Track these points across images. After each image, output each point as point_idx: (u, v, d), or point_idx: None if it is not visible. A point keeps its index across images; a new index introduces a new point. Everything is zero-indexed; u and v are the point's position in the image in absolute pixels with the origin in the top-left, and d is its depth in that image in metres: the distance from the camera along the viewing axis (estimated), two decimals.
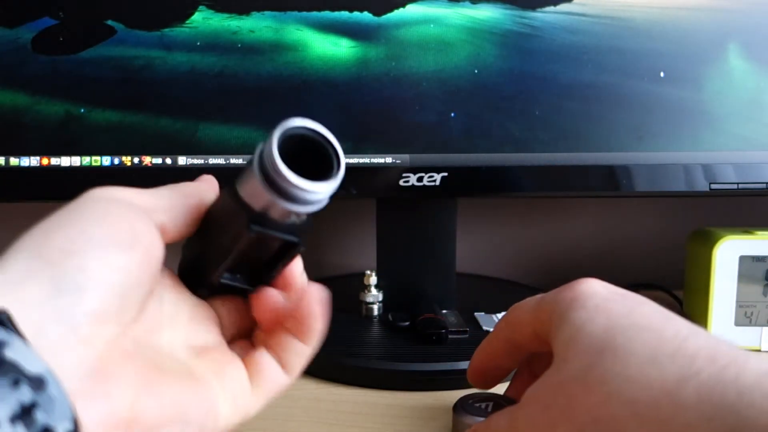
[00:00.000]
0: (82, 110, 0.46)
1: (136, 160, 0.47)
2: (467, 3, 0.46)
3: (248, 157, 0.47)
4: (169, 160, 0.47)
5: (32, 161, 0.47)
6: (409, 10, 0.46)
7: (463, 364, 0.44)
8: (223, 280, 0.28)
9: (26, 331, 0.20)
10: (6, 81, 0.46)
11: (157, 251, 0.25)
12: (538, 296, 0.31)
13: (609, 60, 0.47)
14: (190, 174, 0.47)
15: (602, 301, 0.27)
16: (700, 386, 0.22)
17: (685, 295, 0.56)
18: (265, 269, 0.28)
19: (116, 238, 0.23)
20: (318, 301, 0.28)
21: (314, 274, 0.34)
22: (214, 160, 0.47)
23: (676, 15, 0.47)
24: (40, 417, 0.19)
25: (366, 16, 0.46)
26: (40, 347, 0.20)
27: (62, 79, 0.46)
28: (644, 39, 0.47)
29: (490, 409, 0.36)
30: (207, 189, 0.28)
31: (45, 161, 0.47)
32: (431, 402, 0.42)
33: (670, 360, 0.23)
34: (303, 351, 0.28)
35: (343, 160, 0.26)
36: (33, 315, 0.21)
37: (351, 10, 0.46)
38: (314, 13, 0.46)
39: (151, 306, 0.26)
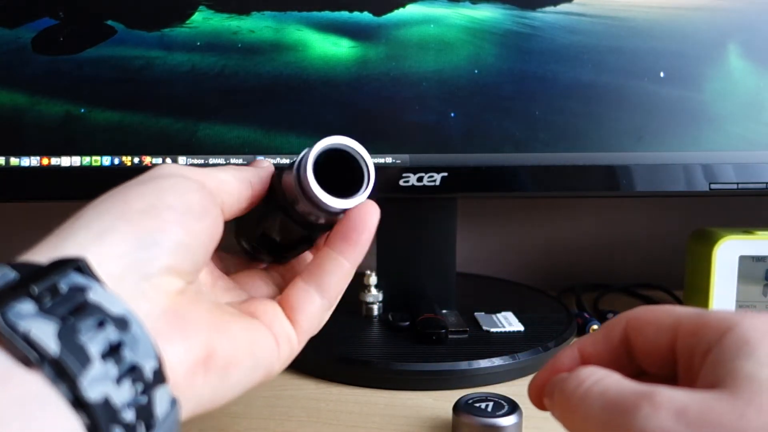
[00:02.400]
0: (82, 110, 0.46)
1: (136, 160, 0.47)
2: (467, 3, 0.46)
3: (248, 157, 0.47)
4: (169, 160, 0.47)
5: (32, 161, 0.47)
6: (409, 10, 0.46)
7: (463, 364, 0.44)
8: (243, 245, 0.34)
9: (106, 279, 0.21)
10: (6, 81, 0.46)
11: (219, 225, 0.27)
12: (687, 308, 0.25)
13: (609, 60, 0.47)
14: None
15: None
16: None
17: (685, 295, 0.56)
18: (282, 251, 0.33)
19: (191, 208, 0.26)
20: (364, 214, 0.29)
21: None
22: (214, 160, 0.47)
23: (676, 15, 0.47)
24: (128, 355, 0.20)
25: (366, 16, 0.46)
26: (119, 293, 0.21)
27: (62, 79, 0.46)
28: (644, 39, 0.47)
29: (490, 409, 0.36)
30: (264, 177, 0.31)
31: (45, 161, 0.47)
32: (431, 402, 0.42)
33: None
34: (343, 269, 0.29)
35: (371, 184, 0.30)
36: (113, 265, 0.22)
37: (351, 10, 0.46)
38: (314, 13, 0.46)
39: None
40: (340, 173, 0.29)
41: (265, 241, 0.33)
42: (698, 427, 0.19)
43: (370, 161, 0.30)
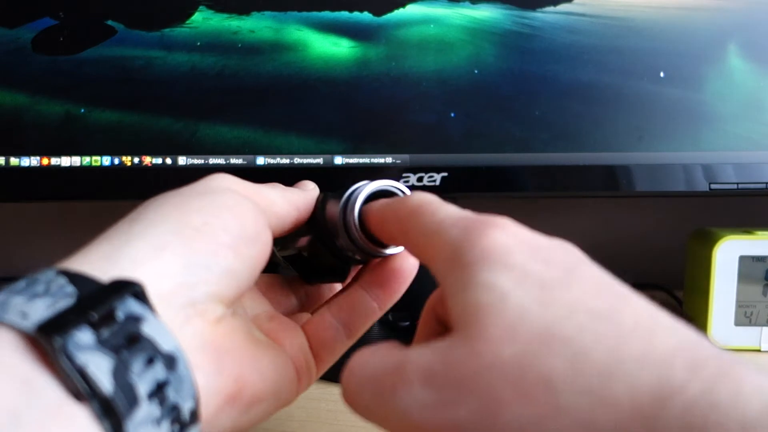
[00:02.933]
0: (82, 110, 0.46)
1: (136, 160, 0.47)
2: (467, 3, 0.46)
3: (248, 157, 0.47)
4: (169, 160, 0.47)
5: (32, 161, 0.47)
6: (409, 10, 0.46)
7: None
8: (279, 254, 0.33)
9: (155, 299, 0.21)
10: (6, 81, 0.46)
11: (269, 249, 0.26)
12: (439, 219, 0.22)
13: (609, 60, 0.47)
14: (190, 174, 0.47)
15: (529, 260, 0.20)
16: (686, 410, 0.15)
17: (685, 295, 0.56)
18: (312, 275, 0.32)
19: (245, 231, 0.25)
20: (404, 265, 0.29)
21: None
22: (214, 160, 0.47)
23: (676, 15, 0.47)
24: (171, 395, 0.20)
25: (366, 16, 0.46)
26: (167, 318, 0.21)
27: (62, 79, 0.46)
28: (644, 39, 0.47)
29: None
30: (310, 201, 0.30)
31: (45, 161, 0.47)
32: None
33: (638, 366, 0.16)
34: (374, 314, 0.30)
35: None
36: (163, 285, 0.22)
37: (351, 10, 0.46)
38: (314, 13, 0.46)
39: None
40: None
41: (296, 262, 0.32)
42: (447, 386, 0.18)
43: None
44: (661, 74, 0.47)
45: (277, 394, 0.26)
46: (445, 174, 0.47)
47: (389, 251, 0.29)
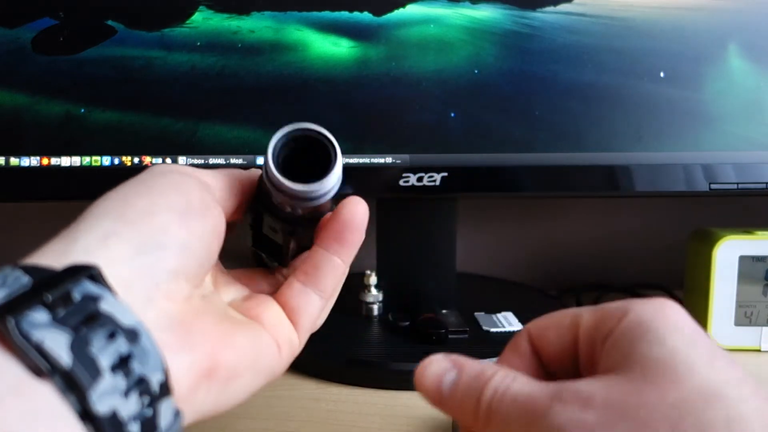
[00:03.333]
0: (82, 110, 0.46)
1: (136, 160, 0.47)
2: (467, 3, 0.46)
3: (248, 157, 0.47)
4: (169, 160, 0.47)
5: (32, 161, 0.47)
6: (409, 10, 0.46)
7: None
8: (253, 248, 0.33)
9: (116, 285, 0.21)
10: (6, 81, 0.46)
11: (222, 224, 0.27)
12: (584, 307, 0.25)
13: (609, 60, 0.47)
14: None
15: (697, 333, 0.22)
16: None
17: (685, 295, 0.56)
18: (279, 252, 0.32)
19: (192, 205, 0.25)
20: (354, 213, 0.29)
21: None
22: (214, 160, 0.47)
23: (676, 15, 0.47)
24: (136, 367, 0.20)
25: (366, 16, 0.46)
26: (128, 301, 0.21)
27: (62, 79, 0.46)
28: (644, 39, 0.47)
29: None
30: (252, 177, 0.31)
31: (45, 161, 0.47)
32: None
33: None
34: (338, 269, 0.29)
35: (336, 166, 0.28)
36: (121, 271, 0.22)
37: (351, 10, 0.46)
38: (314, 13, 0.46)
39: None
40: (315, 166, 0.28)
41: (268, 249, 0.33)
42: (604, 411, 0.20)
43: (336, 144, 0.29)
44: (661, 74, 0.47)
45: (255, 367, 0.26)
46: (445, 174, 0.47)
47: (313, 188, 0.27)
